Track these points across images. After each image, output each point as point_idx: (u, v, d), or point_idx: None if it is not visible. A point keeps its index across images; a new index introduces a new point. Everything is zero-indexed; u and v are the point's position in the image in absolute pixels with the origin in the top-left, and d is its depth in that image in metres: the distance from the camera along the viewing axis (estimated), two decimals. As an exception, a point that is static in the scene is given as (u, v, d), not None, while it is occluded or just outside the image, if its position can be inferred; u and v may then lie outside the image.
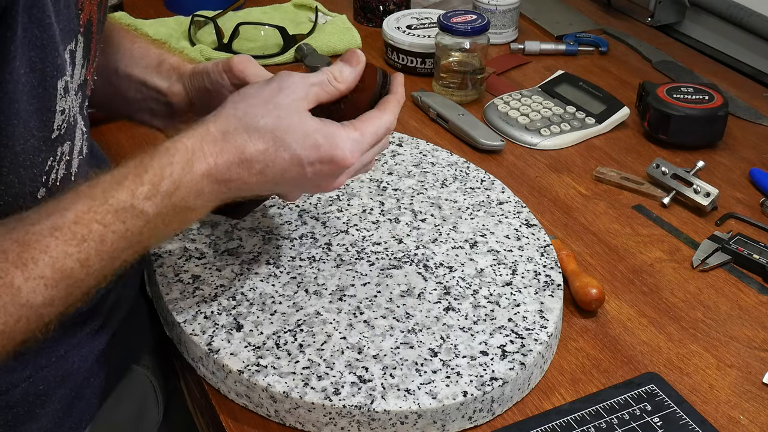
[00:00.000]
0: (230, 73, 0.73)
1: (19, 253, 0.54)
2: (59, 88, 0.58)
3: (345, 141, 0.64)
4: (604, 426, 0.68)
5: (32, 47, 0.54)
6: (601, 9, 1.48)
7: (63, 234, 0.56)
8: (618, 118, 1.11)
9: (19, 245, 0.54)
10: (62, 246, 0.55)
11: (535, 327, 0.74)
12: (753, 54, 1.28)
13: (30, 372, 0.67)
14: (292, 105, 0.63)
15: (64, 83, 0.58)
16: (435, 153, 0.98)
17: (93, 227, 0.57)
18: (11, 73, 0.53)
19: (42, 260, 0.55)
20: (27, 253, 0.54)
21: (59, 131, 0.59)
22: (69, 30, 0.60)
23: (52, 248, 0.55)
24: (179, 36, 1.29)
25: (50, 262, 0.55)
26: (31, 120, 0.56)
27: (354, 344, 0.71)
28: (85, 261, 0.56)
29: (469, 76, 1.15)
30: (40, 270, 0.55)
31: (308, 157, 0.63)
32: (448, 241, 0.83)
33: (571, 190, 0.99)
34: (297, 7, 1.41)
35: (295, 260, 0.80)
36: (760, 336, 0.79)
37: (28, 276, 0.54)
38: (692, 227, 0.94)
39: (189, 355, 0.73)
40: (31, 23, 0.54)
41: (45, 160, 0.59)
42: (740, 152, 1.07)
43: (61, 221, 0.56)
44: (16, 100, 0.54)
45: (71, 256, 0.56)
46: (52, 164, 0.60)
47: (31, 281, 0.54)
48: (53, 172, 0.61)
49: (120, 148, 1.03)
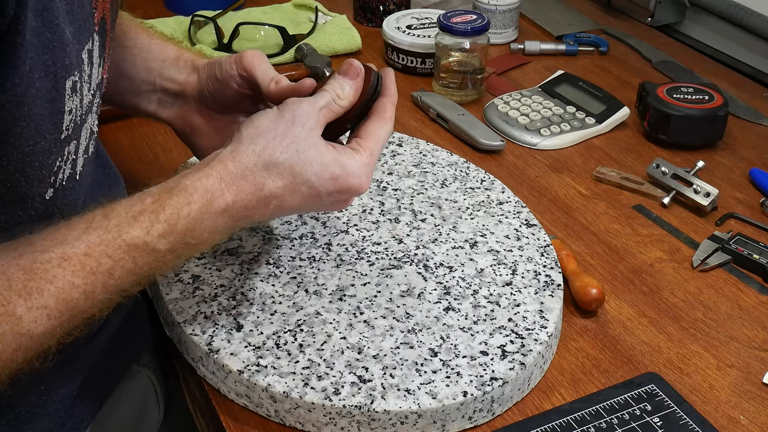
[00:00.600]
0: (239, 65, 0.73)
1: (24, 282, 0.54)
2: (67, 88, 0.58)
3: (359, 168, 0.65)
4: (604, 426, 0.68)
5: (45, 50, 0.54)
6: (601, 9, 1.48)
7: (71, 265, 0.55)
8: (618, 118, 1.11)
9: (25, 273, 0.54)
10: (69, 277, 0.55)
11: (535, 327, 0.74)
12: (753, 54, 1.28)
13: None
14: (308, 137, 0.64)
15: (72, 83, 0.58)
16: (435, 153, 0.98)
17: (103, 261, 0.56)
18: (21, 77, 0.53)
19: (47, 290, 0.54)
20: (33, 282, 0.54)
21: (67, 131, 0.59)
22: (85, 30, 0.60)
23: (59, 279, 0.55)
24: (179, 36, 1.29)
25: (55, 293, 0.55)
26: (44, 123, 0.56)
27: (354, 344, 0.71)
28: (90, 293, 0.56)
29: (469, 76, 1.15)
30: (45, 300, 0.54)
31: (326, 189, 0.64)
32: (448, 241, 0.83)
33: (571, 190, 0.99)
34: (297, 7, 1.41)
35: (295, 260, 0.80)
36: (760, 336, 0.79)
37: (31, 306, 0.54)
38: (692, 227, 0.94)
39: (189, 355, 0.73)
40: (43, 27, 0.54)
41: (54, 161, 0.59)
42: (740, 152, 1.07)
43: (71, 251, 0.56)
44: (26, 103, 0.54)
45: (77, 288, 0.56)
46: (60, 164, 0.60)
47: (34, 311, 0.54)
48: (61, 172, 0.61)
49: (120, 148, 1.03)
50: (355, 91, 0.68)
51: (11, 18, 0.51)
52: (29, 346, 0.54)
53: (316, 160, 0.63)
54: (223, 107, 0.78)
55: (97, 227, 0.57)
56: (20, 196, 0.58)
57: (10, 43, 0.52)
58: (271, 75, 0.72)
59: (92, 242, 0.56)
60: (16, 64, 0.53)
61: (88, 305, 0.57)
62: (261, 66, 0.73)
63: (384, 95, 0.69)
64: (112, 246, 0.57)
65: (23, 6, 0.52)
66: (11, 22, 0.51)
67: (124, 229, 0.57)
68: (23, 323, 0.53)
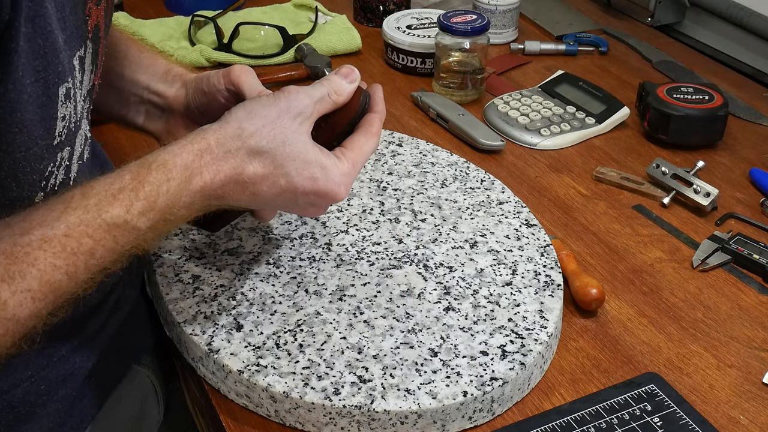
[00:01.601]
0: (227, 79, 0.74)
1: (6, 266, 0.54)
2: (60, 94, 0.58)
3: (340, 176, 0.64)
4: (604, 426, 0.68)
5: (36, 56, 0.54)
6: (601, 9, 1.48)
7: (52, 246, 0.55)
8: (618, 118, 1.11)
9: (5, 257, 0.54)
10: (51, 259, 0.55)
11: (535, 327, 0.74)
12: (753, 54, 1.28)
13: (31, 372, 0.67)
14: (297, 131, 0.63)
15: (65, 90, 0.58)
16: (435, 153, 0.98)
17: (83, 241, 0.56)
18: (14, 83, 0.53)
19: (30, 273, 0.54)
20: (14, 266, 0.54)
21: (60, 137, 0.59)
22: (77, 36, 0.60)
23: (41, 261, 0.55)
24: (179, 36, 1.29)
25: (38, 276, 0.54)
26: (35, 129, 0.56)
27: (354, 344, 0.71)
28: (73, 274, 0.56)
29: (469, 76, 1.15)
30: (28, 283, 0.54)
31: (303, 188, 0.64)
32: (448, 241, 0.83)
33: (571, 190, 0.99)
34: (297, 7, 1.41)
35: (295, 260, 0.80)
36: (760, 336, 0.79)
37: (15, 290, 0.54)
38: (692, 227, 0.94)
39: (189, 355, 0.73)
40: (35, 33, 0.54)
41: (45, 167, 0.59)
42: (740, 152, 1.07)
43: (51, 233, 0.55)
44: (19, 109, 0.54)
45: (59, 269, 0.55)
46: (52, 170, 0.60)
47: (18, 294, 0.54)
48: (52, 177, 0.60)
49: (120, 148, 1.03)
50: (350, 93, 0.67)
51: (6, 23, 0.51)
52: (16, 330, 0.54)
53: (299, 157, 0.63)
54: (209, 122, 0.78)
55: (77, 207, 0.57)
56: (10, 200, 0.58)
57: (4, 48, 0.52)
58: (258, 89, 0.72)
59: (72, 223, 0.56)
60: (10, 70, 0.52)
61: (71, 286, 0.57)
62: (248, 80, 0.73)
63: (372, 110, 0.69)
64: (92, 226, 0.56)
65: (18, 11, 0.51)
66: (6, 27, 0.51)
67: (103, 208, 0.57)
68: (8, 307, 0.53)
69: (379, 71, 1.25)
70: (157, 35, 1.26)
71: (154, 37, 1.26)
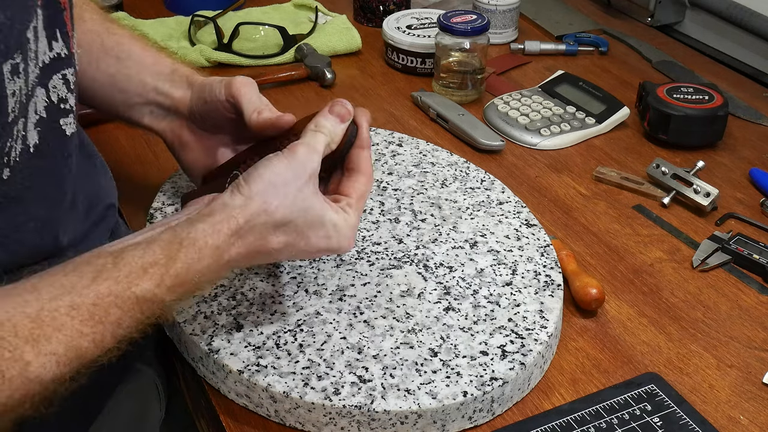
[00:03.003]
0: (228, 91, 0.74)
1: (30, 330, 0.54)
2: (5, 72, 0.56)
3: (349, 230, 0.66)
4: (604, 426, 0.68)
5: None
6: (601, 9, 1.48)
7: (80, 314, 0.55)
8: (618, 118, 1.11)
9: (31, 321, 0.54)
10: (78, 326, 0.55)
11: (535, 327, 0.74)
12: (753, 54, 1.28)
13: None
14: (313, 191, 0.64)
15: (11, 66, 0.57)
16: (435, 153, 0.98)
17: (112, 311, 0.57)
18: None
19: (55, 338, 0.54)
20: (40, 330, 0.54)
21: (13, 113, 0.59)
22: (24, 10, 0.59)
23: (67, 327, 0.55)
24: (179, 36, 1.29)
25: (64, 340, 0.55)
26: None
27: (354, 344, 0.71)
28: (99, 342, 0.57)
29: (469, 76, 1.15)
30: (53, 347, 0.54)
31: (318, 247, 0.65)
32: (448, 241, 0.83)
33: (571, 190, 0.99)
34: (297, 7, 1.41)
35: (295, 260, 0.80)
36: (760, 336, 0.79)
37: (39, 351, 0.54)
38: (692, 227, 0.94)
39: (189, 355, 0.73)
40: None
41: (4, 144, 0.59)
42: (740, 152, 1.07)
43: (79, 300, 0.56)
44: None
45: (86, 336, 0.56)
46: (11, 144, 0.60)
47: (42, 357, 0.54)
48: (12, 151, 0.60)
49: (119, 148, 1.03)
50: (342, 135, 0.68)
51: None
52: (38, 392, 0.54)
53: (317, 221, 0.64)
54: (211, 128, 0.79)
55: (108, 278, 0.57)
56: None
57: None
58: (255, 105, 0.72)
59: (102, 293, 0.56)
60: None
61: (97, 353, 0.57)
62: (248, 95, 0.73)
63: (361, 146, 0.69)
64: (121, 297, 0.57)
65: None
66: None
67: (134, 281, 0.58)
68: (32, 368, 0.53)
69: (379, 71, 1.25)
70: (157, 35, 1.26)
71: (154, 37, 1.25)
